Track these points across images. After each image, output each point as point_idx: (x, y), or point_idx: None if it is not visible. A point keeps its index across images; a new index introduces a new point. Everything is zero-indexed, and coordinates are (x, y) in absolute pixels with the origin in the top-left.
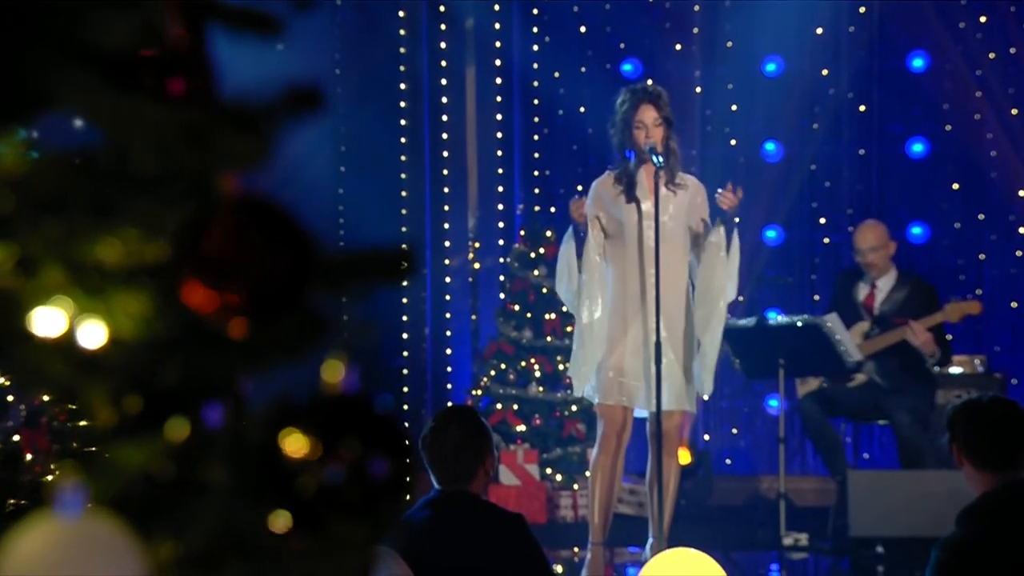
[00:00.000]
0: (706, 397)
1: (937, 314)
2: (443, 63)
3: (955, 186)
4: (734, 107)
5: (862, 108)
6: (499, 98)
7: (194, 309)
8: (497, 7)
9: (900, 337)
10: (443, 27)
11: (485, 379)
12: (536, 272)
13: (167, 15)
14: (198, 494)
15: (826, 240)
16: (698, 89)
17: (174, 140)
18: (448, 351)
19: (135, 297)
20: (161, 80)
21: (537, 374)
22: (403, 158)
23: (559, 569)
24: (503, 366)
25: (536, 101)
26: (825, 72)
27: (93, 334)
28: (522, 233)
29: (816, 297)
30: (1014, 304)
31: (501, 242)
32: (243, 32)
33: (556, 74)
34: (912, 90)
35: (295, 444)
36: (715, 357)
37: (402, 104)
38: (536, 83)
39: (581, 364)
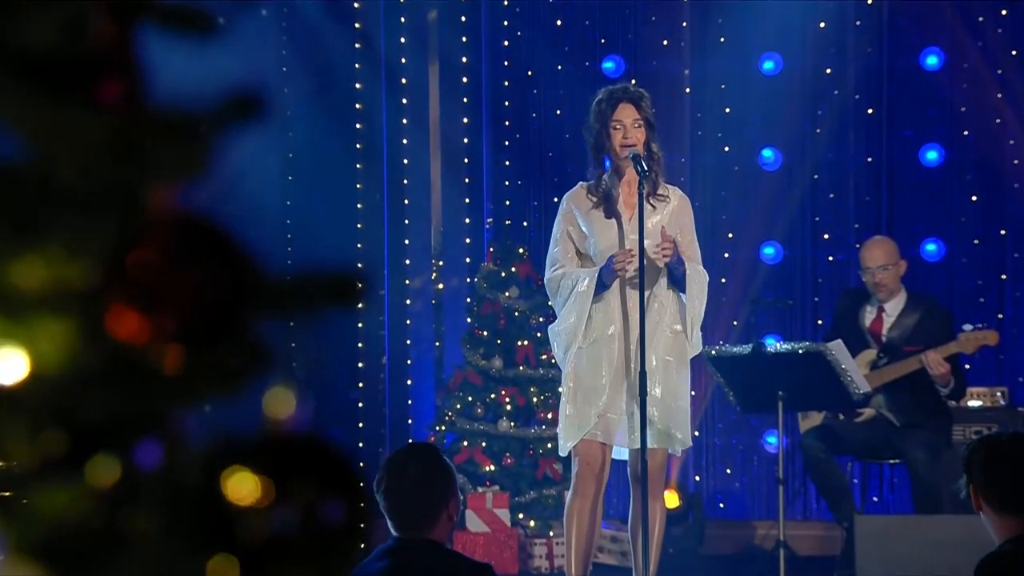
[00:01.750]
0: (681, 449)
1: (951, 344)
2: (403, 60)
3: (973, 198)
4: (727, 109)
5: (870, 111)
6: (465, 99)
7: (124, 338)
8: None
9: (912, 367)
10: (403, 20)
11: (449, 413)
12: (507, 293)
13: (93, 13)
14: (128, 542)
15: (830, 258)
16: (687, 89)
17: (102, 150)
18: (408, 382)
19: (58, 324)
20: (88, 85)
21: (508, 408)
22: (358, 166)
23: None
24: (470, 399)
25: (507, 103)
26: (829, 71)
27: (11, 366)
28: (491, 250)
29: (819, 322)
30: None
31: (468, 260)
32: (176, 31)
33: (529, 73)
34: (925, 91)
35: (236, 487)
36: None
37: (357, 106)
38: (507, 83)
39: (574, 420)
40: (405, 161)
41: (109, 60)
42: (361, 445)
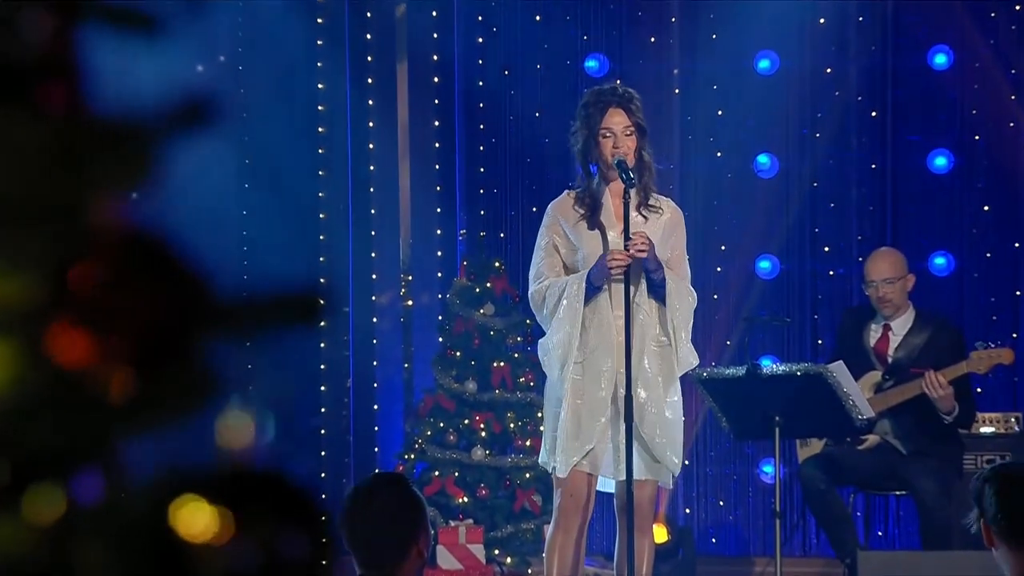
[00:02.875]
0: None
1: (961, 363)
2: (369, 58)
3: (985, 207)
4: (720, 112)
5: (873, 114)
6: (437, 101)
7: (66, 361)
8: None
9: (919, 390)
10: (369, 15)
11: (419, 441)
12: (482, 311)
13: (31, 14)
14: None
15: (831, 273)
16: (677, 90)
17: (41, 159)
18: (375, 407)
19: None
20: (26, 90)
21: (483, 434)
22: (321, 173)
23: None
24: (441, 425)
25: (482, 104)
26: (829, 70)
27: None
28: (465, 264)
29: (819, 341)
30: None
31: (439, 274)
32: (120, 32)
33: (506, 72)
34: (933, 92)
35: (188, 522)
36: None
37: (320, 108)
38: (481, 83)
39: (566, 443)
40: (372, 167)
41: (48, 64)
42: (323, 476)
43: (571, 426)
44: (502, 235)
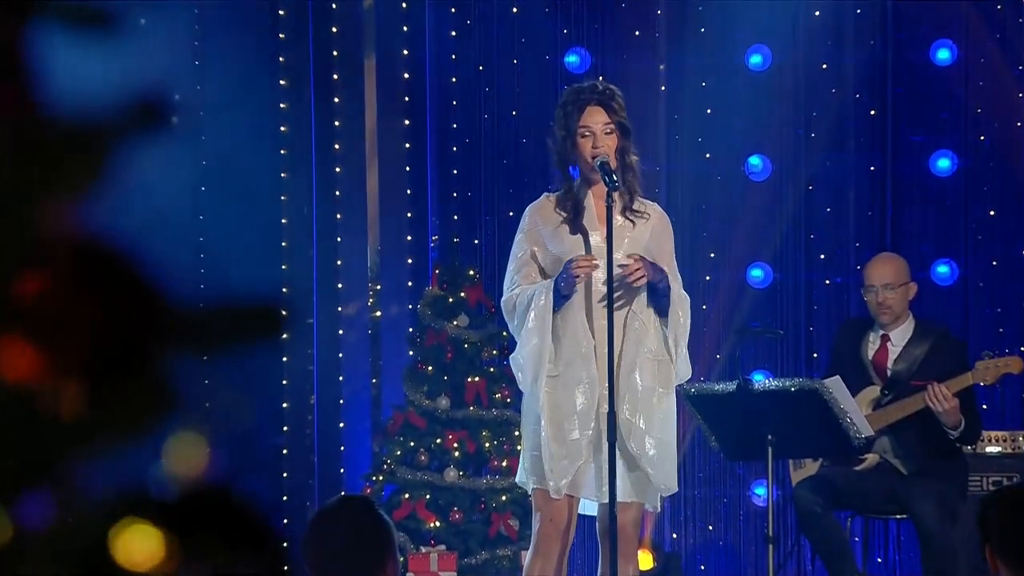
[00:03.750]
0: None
1: (966, 374)
2: (334, 53)
3: (991, 212)
4: (708, 110)
5: (872, 112)
6: (407, 98)
7: (15, 376)
8: None
9: (920, 404)
10: (334, 6)
11: (388, 461)
12: (455, 322)
13: None
14: None
15: (827, 282)
16: (663, 87)
17: None
18: (341, 425)
19: None
20: None
21: (456, 455)
22: (283, 175)
23: None
24: (412, 444)
25: (455, 102)
26: (825, 66)
27: None
28: (437, 272)
29: (814, 355)
30: None
31: (410, 283)
32: (71, 31)
33: (480, 68)
34: (936, 90)
35: (138, 546)
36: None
37: (282, 106)
38: (454, 79)
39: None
40: (337, 169)
41: None
42: (285, 498)
43: (556, 446)
44: (476, 241)
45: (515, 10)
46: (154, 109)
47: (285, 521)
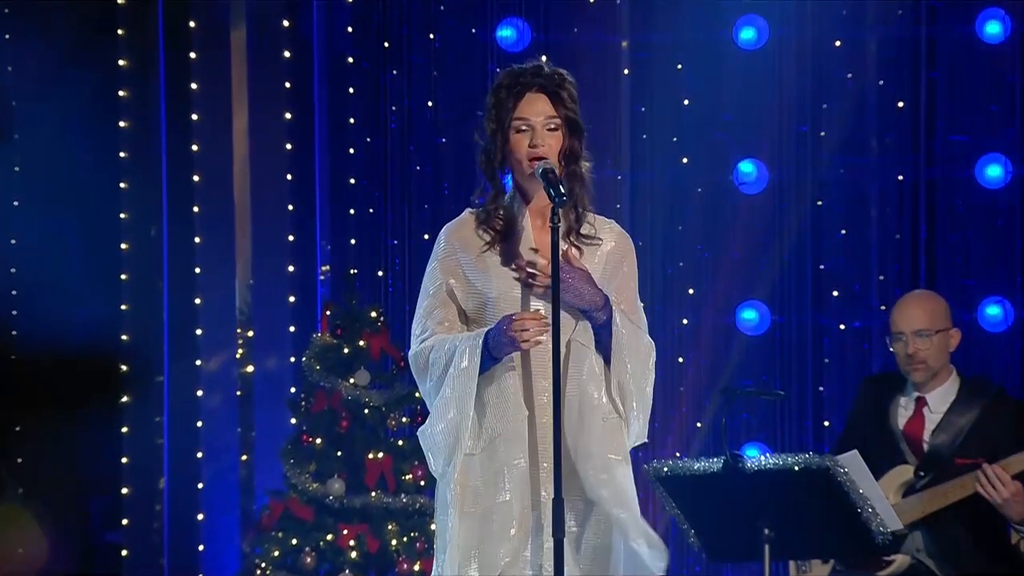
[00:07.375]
0: None
1: None
2: (191, 24)
3: None
4: (686, 101)
5: (900, 104)
6: (288, 84)
7: None
8: None
9: (968, 491)
10: None
11: (263, 565)
12: (351, 380)
13: None
14: None
15: (841, 327)
16: (626, 71)
17: None
18: (199, 516)
19: None
20: None
21: (353, 555)
22: (123, 185)
23: None
24: (295, 542)
25: (352, 89)
26: (838, 43)
27: None
28: (328, 313)
29: (825, 423)
30: None
31: (292, 328)
32: None
33: (386, 44)
34: (984, 75)
35: None
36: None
37: (121, 94)
38: (351, 59)
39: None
40: (196, 177)
41: None
42: None
43: (464, 544)
44: (380, 273)
45: None
46: None
47: None
